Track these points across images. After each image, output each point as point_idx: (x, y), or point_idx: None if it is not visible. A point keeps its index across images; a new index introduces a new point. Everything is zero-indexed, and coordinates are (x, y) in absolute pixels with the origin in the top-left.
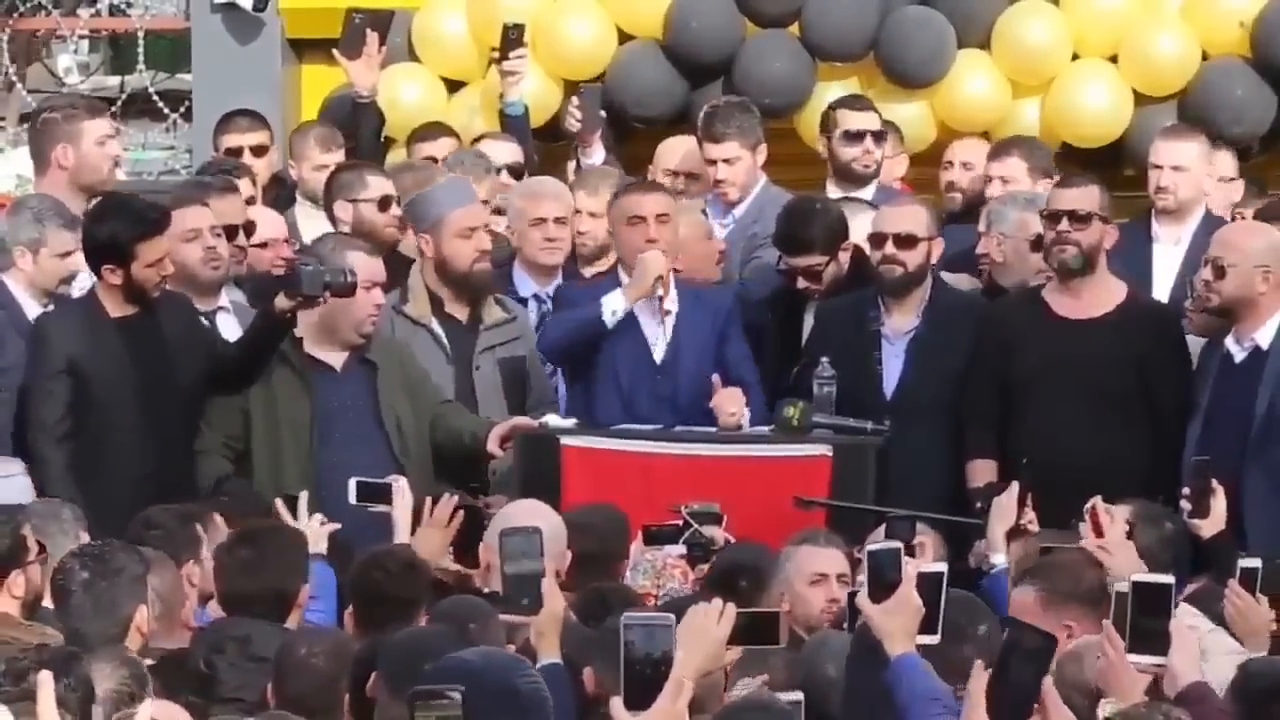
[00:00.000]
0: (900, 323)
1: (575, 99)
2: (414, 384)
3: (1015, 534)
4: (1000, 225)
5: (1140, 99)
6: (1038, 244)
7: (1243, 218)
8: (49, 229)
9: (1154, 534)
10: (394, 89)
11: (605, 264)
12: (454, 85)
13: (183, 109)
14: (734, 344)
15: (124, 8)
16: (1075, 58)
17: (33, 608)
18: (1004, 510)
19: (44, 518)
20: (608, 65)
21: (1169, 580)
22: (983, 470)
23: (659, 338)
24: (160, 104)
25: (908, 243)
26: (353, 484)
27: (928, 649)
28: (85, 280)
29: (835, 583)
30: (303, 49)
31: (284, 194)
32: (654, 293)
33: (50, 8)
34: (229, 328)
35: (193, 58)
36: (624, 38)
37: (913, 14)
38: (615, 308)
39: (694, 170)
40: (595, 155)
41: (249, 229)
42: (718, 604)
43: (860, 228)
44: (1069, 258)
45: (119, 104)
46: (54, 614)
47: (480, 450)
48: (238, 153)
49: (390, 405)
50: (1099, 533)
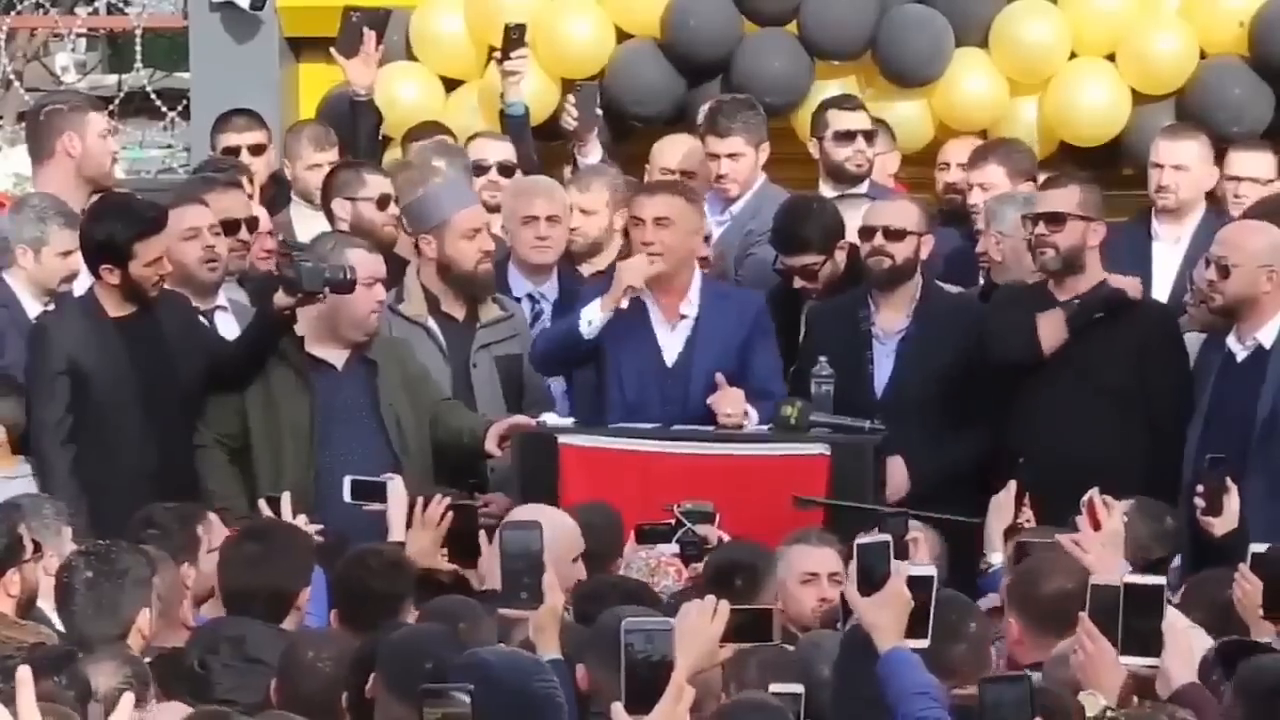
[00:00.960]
0: (891, 322)
1: (571, 97)
2: (414, 382)
3: (1013, 532)
4: (998, 225)
5: (1138, 98)
6: None
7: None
8: (51, 227)
9: (1152, 528)
10: (392, 88)
11: (603, 261)
12: (452, 84)
13: (180, 107)
14: (761, 354)
15: (121, 6)
16: (1073, 56)
17: (28, 606)
18: (1002, 508)
19: (27, 514)
20: (606, 64)
21: (1160, 581)
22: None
23: (671, 341)
24: (158, 102)
25: (896, 235)
26: (347, 482)
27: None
28: (86, 279)
29: (827, 582)
30: (300, 47)
31: (281, 193)
32: (623, 302)
33: (48, 6)
34: (227, 327)
35: (190, 56)
36: (622, 36)
37: (911, 13)
38: (591, 318)
39: (690, 169)
40: (592, 154)
41: (252, 224)
42: (711, 601)
43: (857, 223)
44: (1047, 260)
45: (117, 102)
46: (57, 612)
47: (478, 449)
48: (235, 152)
49: (390, 404)
50: (1096, 525)
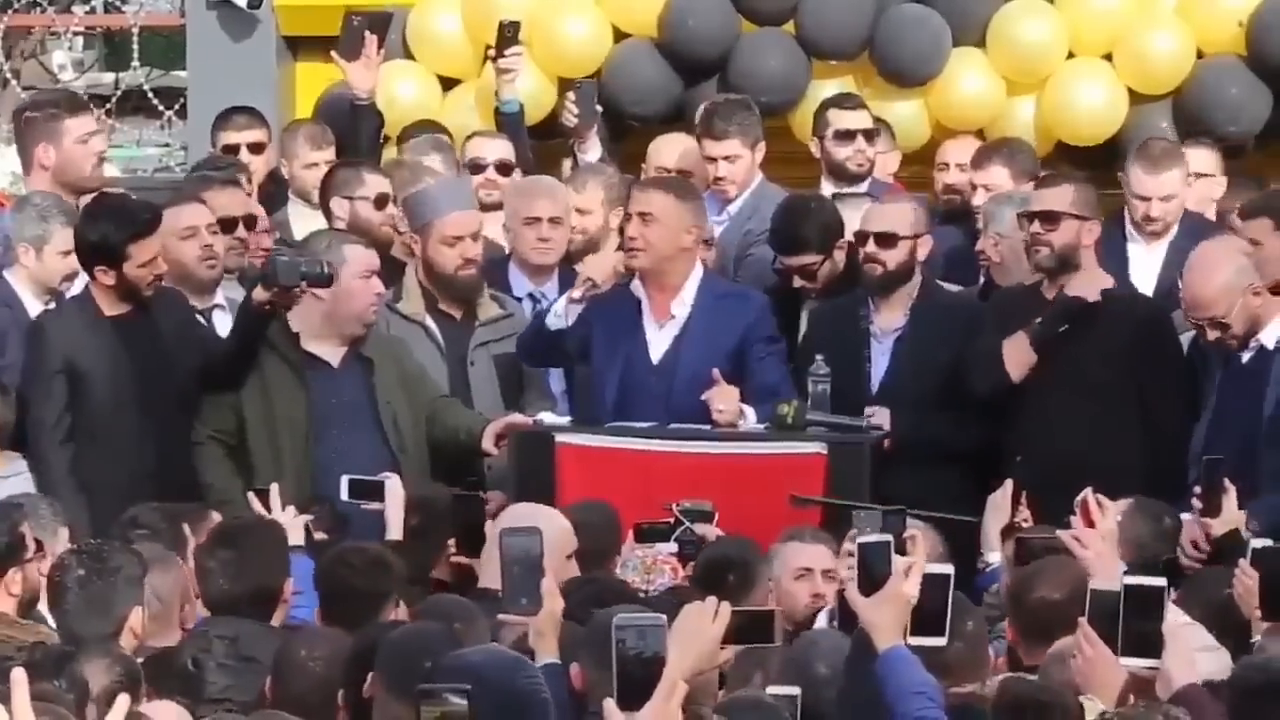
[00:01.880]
0: (888, 320)
1: (571, 94)
2: (411, 380)
3: (1011, 531)
4: (996, 226)
5: (1135, 97)
6: None
7: (1221, 216)
8: (53, 226)
9: (1150, 528)
10: (389, 87)
11: None
12: (449, 83)
13: (177, 106)
14: (763, 356)
15: (119, 5)
16: (1070, 56)
17: (30, 605)
18: (999, 507)
19: (27, 513)
20: (603, 63)
21: (1160, 583)
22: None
23: (660, 339)
24: (155, 101)
25: (887, 241)
26: (345, 481)
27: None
28: (84, 278)
29: (820, 578)
30: (297, 46)
31: (279, 192)
32: (580, 293)
33: (45, 4)
34: (225, 325)
35: (187, 55)
36: (619, 36)
37: (908, 12)
38: (557, 309)
39: (687, 168)
40: (591, 151)
41: (250, 222)
42: (712, 603)
43: (856, 223)
44: (1041, 258)
45: (114, 101)
46: (49, 611)
47: (475, 447)
48: (235, 150)
49: (387, 401)
50: (1090, 524)
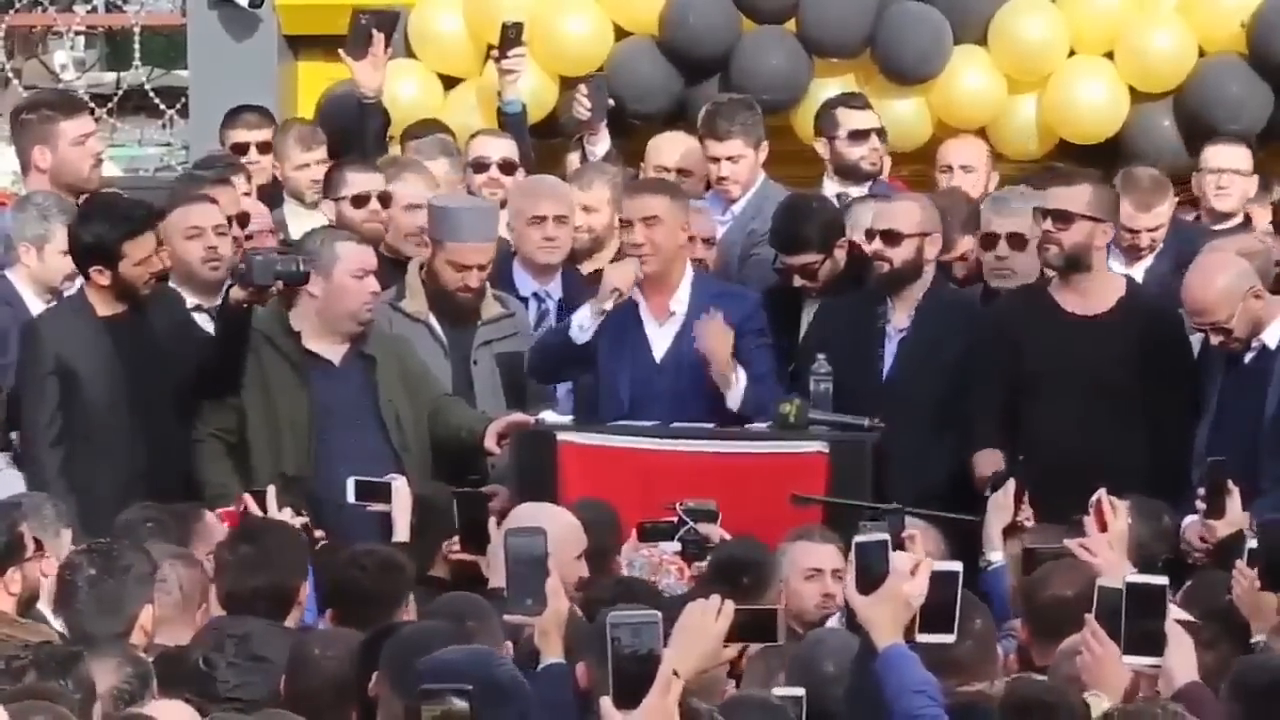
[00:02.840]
0: (900, 319)
1: (584, 87)
2: (413, 378)
3: (1012, 531)
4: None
5: (1137, 95)
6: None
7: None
8: (54, 225)
9: (1150, 528)
10: (391, 86)
11: (604, 259)
12: (450, 82)
13: (179, 105)
14: (753, 352)
15: (120, 4)
16: (1072, 54)
17: (29, 605)
18: (1001, 507)
19: (28, 513)
20: (604, 62)
21: (1163, 581)
22: (989, 460)
23: (660, 337)
24: (156, 100)
25: (893, 239)
26: (351, 483)
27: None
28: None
29: (830, 578)
30: (299, 45)
31: (277, 192)
32: (611, 304)
33: (47, 3)
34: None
35: (189, 54)
36: (620, 34)
37: (909, 10)
38: (581, 322)
39: (687, 167)
40: (601, 144)
41: (243, 220)
42: (715, 600)
43: (867, 222)
44: (1051, 257)
45: (115, 100)
46: (58, 610)
47: (478, 446)
48: (243, 148)
49: (389, 399)
50: (1103, 525)
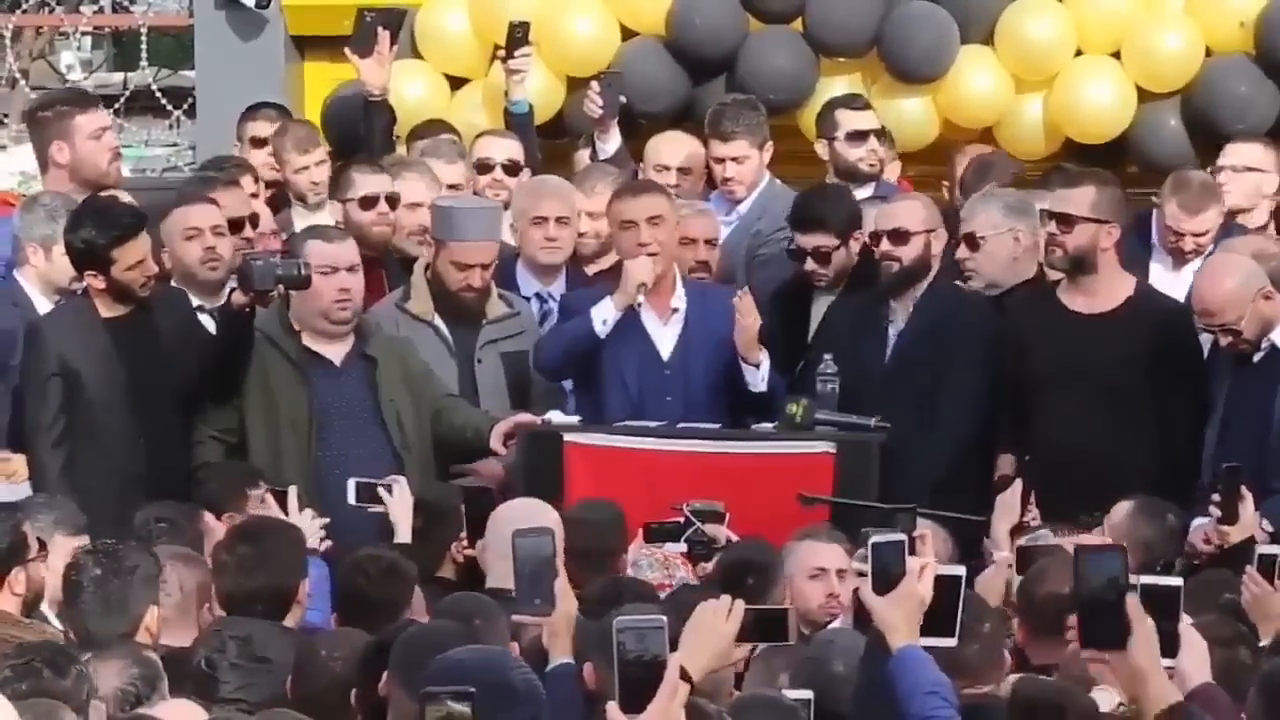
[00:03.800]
0: (903, 318)
1: (596, 84)
2: (415, 379)
3: (1019, 530)
4: (969, 226)
5: (1144, 95)
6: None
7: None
8: (61, 226)
9: (1155, 528)
10: (397, 86)
11: (609, 261)
12: (457, 82)
13: (186, 106)
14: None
15: (127, 5)
16: (1078, 54)
17: (33, 605)
18: (1007, 506)
19: (31, 513)
20: (611, 62)
21: (1177, 583)
22: (1003, 464)
23: (665, 336)
24: (163, 101)
25: (900, 238)
26: (352, 484)
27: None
28: None
29: (835, 577)
30: (305, 46)
31: (283, 193)
32: (638, 299)
33: (54, 4)
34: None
35: (196, 55)
36: (627, 34)
37: (915, 10)
38: (605, 316)
39: (687, 167)
40: (611, 142)
41: (254, 221)
42: (726, 600)
43: (872, 224)
44: (1055, 259)
45: (122, 101)
46: (64, 610)
47: (483, 447)
48: (262, 142)
49: (391, 400)
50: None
